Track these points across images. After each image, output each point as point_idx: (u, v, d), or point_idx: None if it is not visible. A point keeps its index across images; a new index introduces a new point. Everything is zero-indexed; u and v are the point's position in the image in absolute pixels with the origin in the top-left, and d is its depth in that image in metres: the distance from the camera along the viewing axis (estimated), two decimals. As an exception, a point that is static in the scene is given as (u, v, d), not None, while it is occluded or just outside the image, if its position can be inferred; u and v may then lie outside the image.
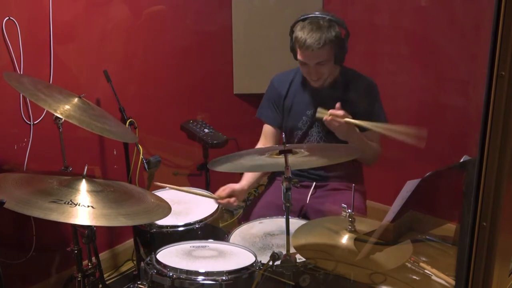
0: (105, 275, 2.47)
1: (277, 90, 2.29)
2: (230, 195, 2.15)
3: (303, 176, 2.26)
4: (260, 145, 2.36)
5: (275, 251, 1.53)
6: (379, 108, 2.19)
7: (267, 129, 2.35)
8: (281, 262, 1.54)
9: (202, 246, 1.79)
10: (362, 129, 2.12)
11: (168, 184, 2.23)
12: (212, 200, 2.18)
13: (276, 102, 2.30)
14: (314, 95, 2.20)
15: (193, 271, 1.59)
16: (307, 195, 2.24)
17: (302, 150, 1.70)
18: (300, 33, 2.02)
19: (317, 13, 2.06)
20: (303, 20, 2.05)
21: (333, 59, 2.08)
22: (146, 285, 1.64)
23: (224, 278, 1.58)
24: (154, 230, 1.97)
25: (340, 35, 2.07)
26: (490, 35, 0.95)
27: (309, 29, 2.01)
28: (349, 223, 1.64)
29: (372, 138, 2.16)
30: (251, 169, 2.01)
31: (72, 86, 2.32)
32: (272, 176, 2.44)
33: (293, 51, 2.13)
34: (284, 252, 1.54)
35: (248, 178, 2.22)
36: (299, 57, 2.07)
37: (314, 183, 2.26)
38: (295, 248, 1.61)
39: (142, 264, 1.68)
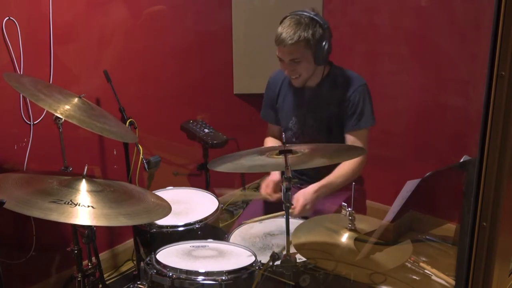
0: (105, 275, 2.47)
1: (271, 89, 2.32)
2: (273, 188, 2.15)
3: (302, 179, 2.26)
4: (268, 141, 2.40)
5: (275, 251, 1.53)
6: (366, 108, 2.12)
7: (271, 127, 2.40)
8: (281, 262, 1.54)
9: (202, 246, 1.79)
10: (350, 126, 2.11)
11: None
12: (212, 200, 2.18)
13: (271, 101, 2.32)
14: (302, 95, 2.20)
15: (193, 271, 1.59)
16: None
17: (302, 150, 1.70)
18: (279, 28, 2.03)
19: (302, 11, 2.05)
20: (287, 16, 2.05)
21: (310, 58, 2.05)
22: (146, 285, 1.64)
23: (224, 278, 1.58)
24: (154, 230, 1.97)
25: (321, 35, 2.02)
26: (490, 35, 0.95)
27: (287, 25, 2.01)
28: (349, 221, 1.64)
29: (357, 143, 2.13)
30: (251, 169, 2.01)
31: (72, 86, 2.32)
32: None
33: None
34: (284, 252, 1.54)
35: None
36: (277, 52, 2.07)
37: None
38: (295, 246, 1.61)
39: (142, 264, 1.68)
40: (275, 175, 2.19)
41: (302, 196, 2.03)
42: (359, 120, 2.12)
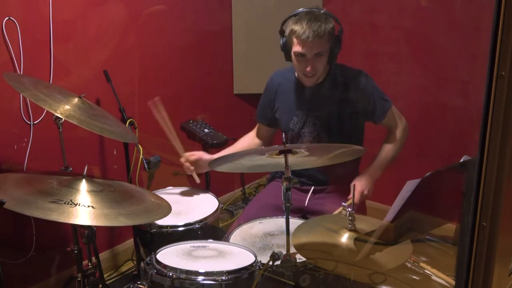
0: (105, 275, 2.47)
1: (267, 93, 2.30)
2: (194, 162, 2.21)
3: (301, 182, 2.26)
4: (248, 137, 2.40)
5: (275, 251, 1.53)
6: (377, 97, 2.14)
7: (261, 127, 2.39)
8: (281, 262, 1.54)
9: (202, 246, 1.79)
10: (376, 119, 2.17)
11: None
12: (212, 200, 2.19)
13: (269, 102, 2.30)
14: (303, 94, 2.18)
15: (193, 271, 1.59)
16: (306, 197, 2.24)
17: (302, 150, 1.70)
18: (297, 25, 1.98)
19: (309, 8, 2.03)
20: (296, 14, 2.01)
21: (328, 54, 2.04)
22: (146, 285, 1.64)
23: (224, 278, 1.58)
24: (154, 230, 1.97)
25: (335, 29, 2.03)
26: (490, 35, 0.95)
27: (307, 19, 1.97)
28: (349, 221, 1.64)
29: (392, 123, 2.19)
30: (251, 169, 2.02)
31: (72, 86, 2.32)
32: (272, 177, 2.43)
33: (285, 48, 2.08)
34: (284, 252, 1.54)
35: (221, 153, 2.24)
36: (296, 49, 2.01)
37: (313, 187, 2.26)
38: (295, 246, 1.61)
39: (142, 264, 1.68)
40: (206, 155, 2.23)
41: (359, 183, 2.08)
42: (383, 105, 2.15)
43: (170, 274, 1.59)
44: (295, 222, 1.87)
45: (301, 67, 2.07)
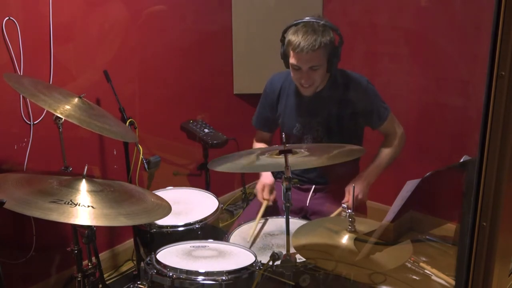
0: (105, 275, 2.47)
1: (269, 94, 2.29)
2: (271, 191, 2.16)
3: (302, 181, 2.26)
4: (257, 146, 2.38)
5: (275, 251, 1.53)
6: (376, 104, 2.15)
7: (261, 133, 2.39)
8: (281, 262, 1.54)
9: (202, 246, 1.80)
10: (374, 125, 2.16)
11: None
12: (212, 200, 2.19)
13: (269, 106, 2.29)
14: (305, 100, 2.18)
15: (193, 271, 1.59)
16: (307, 197, 2.24)
17: (302, 150, 1.70)
18: (294, 37, 1.98)
19: (310, 18, 2.02)
20: (296, 24, 2.01)
21: (325, 65, 2.04)
22: (146, 285, 1.64)
23: (224, 278, 1.58)
24: (154, 230, 1.97)
25: (334, 41, 2.03)
26: (490, 35, 0.95)
27: (303, 32, 1.97)
28: (349, 223, 1.64)
29: (390, 130, 2.19)
30: (251, 169, 2.01)
31: (72, 86, 2.32)
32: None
33: (285, 57, 2.08)
34: (284, 252, 1.54)
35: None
36: (291, 61, 2.03)
37: (314, 186, 2.25)
38: (295, 248, 1.61)
39: (142, 264, 1.68)
40: (268, 178, 2.19)
41: (353, 187, 2.04)
42: (382, 112, 2.15)
43: (170, 274, 1.60)
44: (295, 222, 1.87)
45: (296, 78, 2.09)
